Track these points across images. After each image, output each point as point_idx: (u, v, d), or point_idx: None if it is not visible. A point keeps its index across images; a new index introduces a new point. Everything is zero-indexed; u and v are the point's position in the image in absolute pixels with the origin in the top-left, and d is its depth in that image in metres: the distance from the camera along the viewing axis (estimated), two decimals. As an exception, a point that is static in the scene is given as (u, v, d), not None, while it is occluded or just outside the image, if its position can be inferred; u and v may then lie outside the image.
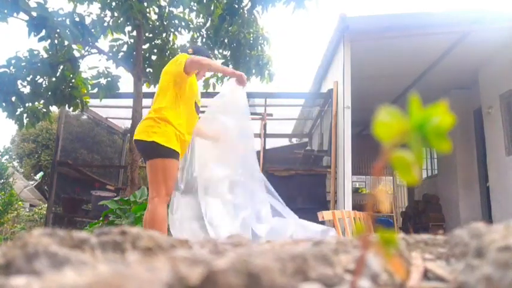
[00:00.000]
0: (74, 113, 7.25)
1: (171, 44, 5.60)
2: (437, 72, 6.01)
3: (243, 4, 5.07)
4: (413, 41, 5.21)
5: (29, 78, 4.64)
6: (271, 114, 6.72)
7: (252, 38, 5.67)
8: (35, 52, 4.61)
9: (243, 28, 5.45)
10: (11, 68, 4.47)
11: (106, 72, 5.11)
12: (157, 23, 5.43)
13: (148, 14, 5.07)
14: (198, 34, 5.73)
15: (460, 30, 4.91)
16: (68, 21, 4.19)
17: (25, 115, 4.77)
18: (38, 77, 4.71)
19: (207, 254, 0.43)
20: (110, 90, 5.07)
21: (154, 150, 2.38)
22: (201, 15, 5.59)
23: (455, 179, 6.79)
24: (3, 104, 4.49)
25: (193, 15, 5.69)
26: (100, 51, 4.93)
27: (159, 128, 2.40)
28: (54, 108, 5.52)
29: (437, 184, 7.63)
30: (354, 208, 4.62)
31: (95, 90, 5.10)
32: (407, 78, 6.40)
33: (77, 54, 4.93)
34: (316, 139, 7.75)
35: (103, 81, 5.11)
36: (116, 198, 2.82)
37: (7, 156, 9.14)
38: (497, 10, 4.80)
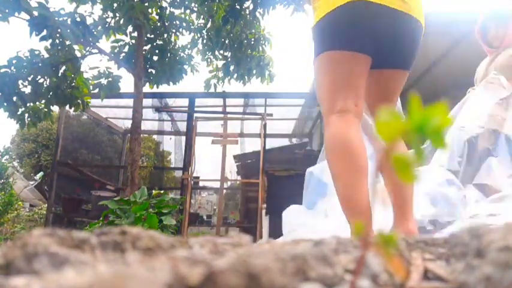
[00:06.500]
0: (74, 113, 7.27)
1: (173, 44, 5.60)
2: (437, 72, 6.00)
3: (245, 6, 5.08)
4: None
5: (29, 78, 4.64)
6: (271, 114, 6.72)
7: (253, 39, 5.68)
8: (36, 52, 4.61)
9: (245, 29, 5.45)
10: (12, 68, 4.47)
11: (107, 72, 5.11)
12: (159, 24, 5.43)
13: (150, 15, 5.07)
14: (199, 35, 5.74)
15: (460, 30, 4.90)
16: (69, 21, 4.19)
17: (26, 115, 4.77)
18: (39, 77, 4.71)
19: (207, 254, 0.43)
20: (111, 90, 5.07)
21: None
22: (202, 16, 5.60)
23: (455, 180, 6.77)
24: (5, 104, 4.49)
25: (194, 16, 5.69)
26: (101, 52, 4.93)
27: None
28: (55, 108, 5.53)
29: (438, 184, 7.60)
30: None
31: (96, 91, 5.11)
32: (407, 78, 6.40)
33: (78, 54, 4.93)
34: (317, 139, 7.74)
35: (104, 81, 5.11)
36: (116, 198, 2.81)
37: (7, 156, 9.13)
38: (498, 10, 4.79)
